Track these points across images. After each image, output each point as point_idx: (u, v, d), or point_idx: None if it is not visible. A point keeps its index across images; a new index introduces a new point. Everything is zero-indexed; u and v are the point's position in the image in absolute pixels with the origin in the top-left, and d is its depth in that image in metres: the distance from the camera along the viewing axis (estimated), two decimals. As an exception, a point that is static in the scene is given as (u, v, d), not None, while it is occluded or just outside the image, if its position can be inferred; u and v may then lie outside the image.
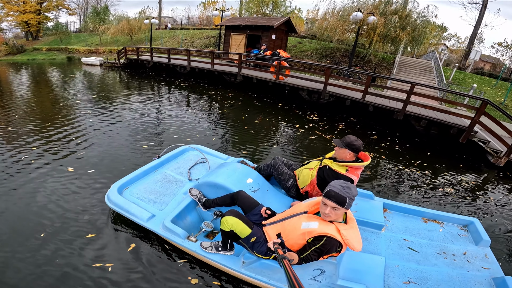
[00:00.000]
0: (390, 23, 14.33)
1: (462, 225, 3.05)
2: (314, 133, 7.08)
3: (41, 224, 3.02)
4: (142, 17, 26.71)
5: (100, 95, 9.89)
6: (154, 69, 16.74)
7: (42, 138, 5.30)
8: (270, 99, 10.58)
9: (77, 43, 30.76)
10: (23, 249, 2.69)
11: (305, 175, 2.82)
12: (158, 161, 3.52)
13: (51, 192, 3.58)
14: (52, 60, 24.13)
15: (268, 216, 2.41)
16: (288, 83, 10.30)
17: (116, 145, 5.20)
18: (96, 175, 4.05)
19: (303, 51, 19.41)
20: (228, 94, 10.96)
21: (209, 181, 2.86)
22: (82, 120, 6.65)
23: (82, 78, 14.03)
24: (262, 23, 15.66)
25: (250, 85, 11.64)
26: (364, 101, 8.39)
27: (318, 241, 1.92)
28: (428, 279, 2.37)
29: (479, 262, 2.60)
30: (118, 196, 2.88)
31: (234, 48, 17.21)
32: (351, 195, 1.90)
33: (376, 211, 2.96)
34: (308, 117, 8.56)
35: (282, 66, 10.43)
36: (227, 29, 17.58)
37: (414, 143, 7.31)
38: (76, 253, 2.69)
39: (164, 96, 10.42)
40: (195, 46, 23.12)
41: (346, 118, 8.84)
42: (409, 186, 4.81)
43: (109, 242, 2.84)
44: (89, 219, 3.14)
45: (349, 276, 2.26)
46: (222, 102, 9.77)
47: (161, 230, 2.59)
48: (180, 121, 7.07)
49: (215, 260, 2.40)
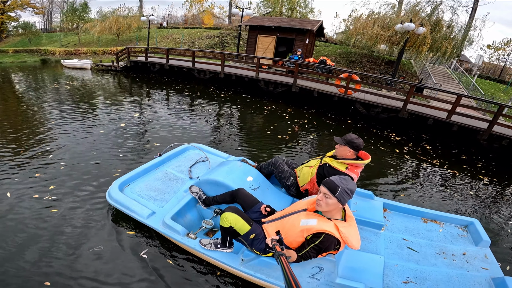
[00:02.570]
0: (437, 34, 13.77)
1: (462, 225, 3.04)
2: (412, 157, 6.34)
3: (40, 226, 3.04)
4: (131, 14, 23.60)
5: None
6: (162, 73, 14.58)
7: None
8: (332, 114, 9.29)
9: (49, 44, 27.34)
10: (20, 248, 2.71)
11: (305, 173, 2.83)
12: (159, 159, 3.54)
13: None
14: (23, 63, 20.39)
15: (267, 213, 2.42)
16: (360, 99, 9.06)
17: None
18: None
19: (325, 55, 18.13)
20: (287, 109, 9.43)
21: (209, 178, 2.88)
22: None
23: (76, 86, 11.29)
24: (296, 26, 14.35)
25: (302, 98, 10.32)
26: (450, 120, 7.75)
27: (316, 238, 1.93)
28: (427, 279, 2.37)
29: (478, 262, 2.59)
30: (119, 193, 2.90)
31: (261, 52, 15.62)
32: (346, 187, 1.89)
33: (376, 210, 2.97)
34: (392, 138, 7.71)
35: (353, 80, 9.20)
36: (252, 30, 15.70)
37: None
38: (75, 251, 2.71)
39: (211, 110, 8.63)
40: (197, 46, 21.33)
41: (422, 138, 8.08)
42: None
43: (108, 240, 2.85)
44: (89, 216, 3.17)
45: (348, 274, 2.26)
46: (289, 119, 8.17)
47: (161, 227, 2.60)
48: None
49: (214, 257, 2.41)
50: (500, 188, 5.47)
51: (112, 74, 15.23)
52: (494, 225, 4.10)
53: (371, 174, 5.10)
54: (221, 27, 26.38)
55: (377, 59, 18.28)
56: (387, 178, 5.15)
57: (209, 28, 26.43)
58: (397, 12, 15.25)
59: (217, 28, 25.68)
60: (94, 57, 20.03)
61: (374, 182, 4.87)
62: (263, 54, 15.42)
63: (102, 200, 3.39)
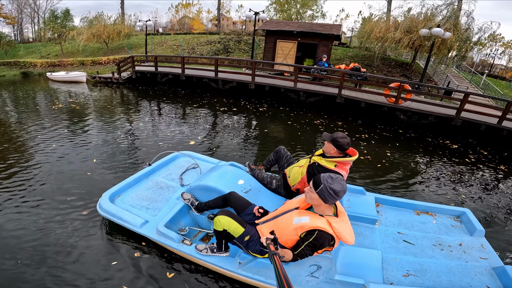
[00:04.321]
0: (460, 38, 13.75)
1: (455, 216, 3.07)
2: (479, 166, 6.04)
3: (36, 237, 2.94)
4: (119, 20, 21.61)
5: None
6: (173, 84, 13.03)
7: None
8: (381, 125, 8.80)
9: (27, 55, 25.10)
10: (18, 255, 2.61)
11: (295, 173, 2.82)
12: (149, 169, 3.49)
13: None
14: (1, 77, 17.44)
15: (261, 215, 2.40)
16: (412, 108, 8.75)
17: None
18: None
19: (337, 59, 17.82)
20: (337, 122, 8.71)
21: (200, 184, 2.84)
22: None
23: (79, 104, 9.48)
24: (319, 30, 13.55)
25: (344, 108, 9.72)
26: (501, 126, 7.64)
27: (310, 236, 1.91)
28: (427, 271, 2.37)
29: (476, 252, 2.61)
30: (110, 204, 2.84)
31: (281, 58, 14.56)
32: (328, 185, 1.86)
33: (369, 205, 2.97)
34: (448, 145, 7.51)
35: (404, 89, 8.85)
36: (269, 35, 14.61)
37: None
38: (67, 263, 2.63)
39: (268, 130, 7.52)
40: (199, 53, 19.57)
41: (473, 144, 7.83)
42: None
43: (102, 251, 2.78)
44: (81, 228, 3.08)
45: (347, 270, 2.24)
46: (350, 134, 7.43)
47: (155, 235, 2.55)
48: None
49: (211, 262, 2.36)
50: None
51: (114, 87, 13.09)
52: (486, 213, 4.15)
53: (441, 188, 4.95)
54: (219, 32, 25.29)
55: (390, 61, 17.92)
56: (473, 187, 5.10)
57: (203, 33, 25.14)
58: (417, 16, 14.90)
59: (213, 33, 24.47)
60: (83, 68, 17.91)
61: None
62: (283, 61, 14.55)
63: (94, 211, 3.31)
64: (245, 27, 34.32)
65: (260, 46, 19.04)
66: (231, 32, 24.25)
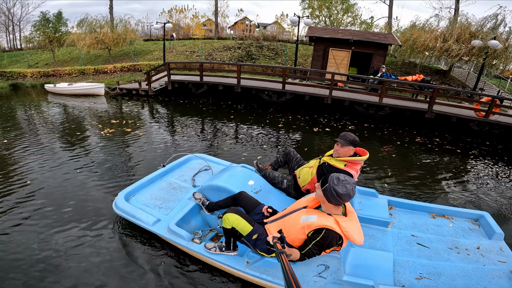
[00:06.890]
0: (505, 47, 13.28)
1: (473, 219, 2.96)
2: None
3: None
4: (124, 24, 18.89)
5: None
6: (210, 95, 11.63)
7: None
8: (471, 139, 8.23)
9: (12, 65, 22.28)
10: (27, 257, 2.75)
11: (305, 173, 2.83)
12: (163, 170, 3.60)
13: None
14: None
15: (269, 214, 2.42)
16: (500, 121, 8.30)
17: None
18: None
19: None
20: (433, 140, 7.87)
21: (211, 184, 2.90)
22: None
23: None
24: (375, 40, 13.17)
25: (426, 123, 9.12)
26: None
27: (317, 234, 1.91)
28: (441, 274, 2.30)
29: (494, 255, 2.51)
30: (125, 203, 2.95)
31: (333, 67, 13.75)
32: (333, 186, 1.88)
33: (381, 208, 2.92)
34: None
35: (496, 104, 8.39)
36: (319, 42, 13.88)
37: None
38: (81, 256, 2.75)
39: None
40: (219, 59, 18.34)
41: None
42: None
43: (116, 249, 2.88)
44: (95, 224, 3.22)
45: (356, 271, 2.21)
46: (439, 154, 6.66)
47: (166, 233, 2.62)
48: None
49: (219, 261, 2.39)
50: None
51: (142, 101, 11.14)
52: (506, 217, 3.94)
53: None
54: (241, 37, 24.09)
55: (426, 69, 17.43)
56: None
57: (208, 38, 23.80)
58: (464, 25, 14.24)
59: (221, 38, 23.50)
60: (84, 78, 15.77)
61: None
62: (336, 70, 13.55)
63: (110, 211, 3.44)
64: (250, 32, 33.74)
65: (285, 53, 18.59)
66: (247, 38, 23.47)
